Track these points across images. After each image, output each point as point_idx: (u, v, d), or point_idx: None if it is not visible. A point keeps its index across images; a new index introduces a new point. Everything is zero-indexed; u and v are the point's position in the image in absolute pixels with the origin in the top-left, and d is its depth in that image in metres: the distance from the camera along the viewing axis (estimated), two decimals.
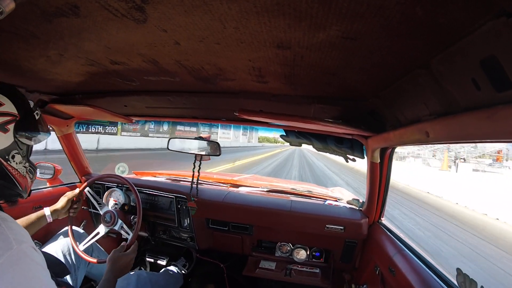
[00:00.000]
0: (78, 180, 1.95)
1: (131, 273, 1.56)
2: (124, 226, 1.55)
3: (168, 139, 1.71)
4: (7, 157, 0.66)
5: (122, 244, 1.32)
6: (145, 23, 0.57)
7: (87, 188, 1.55)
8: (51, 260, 0.96)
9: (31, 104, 0.74)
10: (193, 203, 1.67)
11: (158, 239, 1.91)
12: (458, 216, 7.88)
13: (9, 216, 0.67)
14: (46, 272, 0.64)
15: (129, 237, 1.48)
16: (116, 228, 1.54)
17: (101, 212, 1.57)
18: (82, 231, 1.56)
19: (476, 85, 0.51)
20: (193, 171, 1.68)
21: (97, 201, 1.61)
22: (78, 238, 1.47)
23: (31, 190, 0.79)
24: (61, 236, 1.44)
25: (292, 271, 1.71)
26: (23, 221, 1.18)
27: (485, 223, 7.32)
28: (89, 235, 1.55)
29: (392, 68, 0.69)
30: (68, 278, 1.29)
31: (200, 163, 1.67)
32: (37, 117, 0.75)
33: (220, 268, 1.97)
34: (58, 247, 1.36)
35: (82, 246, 1.43)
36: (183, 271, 1.92)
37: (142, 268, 2.05)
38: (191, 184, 1.71)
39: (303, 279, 1.68)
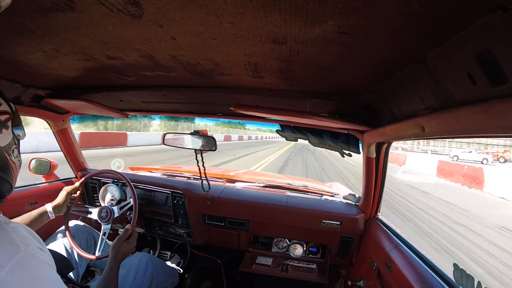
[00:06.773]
0: (74, 176, 1.94)
1: (136, 254, 1.57)
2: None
3: (163, 134, 1.69)
4: (9, 151, 0.70)
5: (125, 228, 1.33)
6: (141, 18, 0.56)
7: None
8: (54, 257, 0.98)
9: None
10: (206, 194, 1.68)
11: (154, 235, 1.91)
12: None
13: (9, 219, 0.68)
14: (53, 269, 0.66)
15: (129, 225, 1.48)
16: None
17: (96, 213, 1.56)
18: (81, 223, 1.57)
19: (472, 80, 0.51)
20: (198, 166, 1.64)
21: (87, 208, 1.59)
22: (78, 232, 1.48)
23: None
24: (63, 232, 1.45)
25: (288, 266, 1.72)
26: (24, 219, 1.18)
27: None
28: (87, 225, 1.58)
29: (388, 62, 0.69)
30: (71, 273, 1.30)
31: (202, 157, 1.63)
32: (19, 115, 0.79)
33: (217, 264, 1.98)
34: (61, 243, 1.37)
35: (98, 253, 1.44)
36: (179, 268, 1.93)
37: (151, 250, 2.07)
38: (201, 181, 1.69)
39: (300, 275, 1.70)
